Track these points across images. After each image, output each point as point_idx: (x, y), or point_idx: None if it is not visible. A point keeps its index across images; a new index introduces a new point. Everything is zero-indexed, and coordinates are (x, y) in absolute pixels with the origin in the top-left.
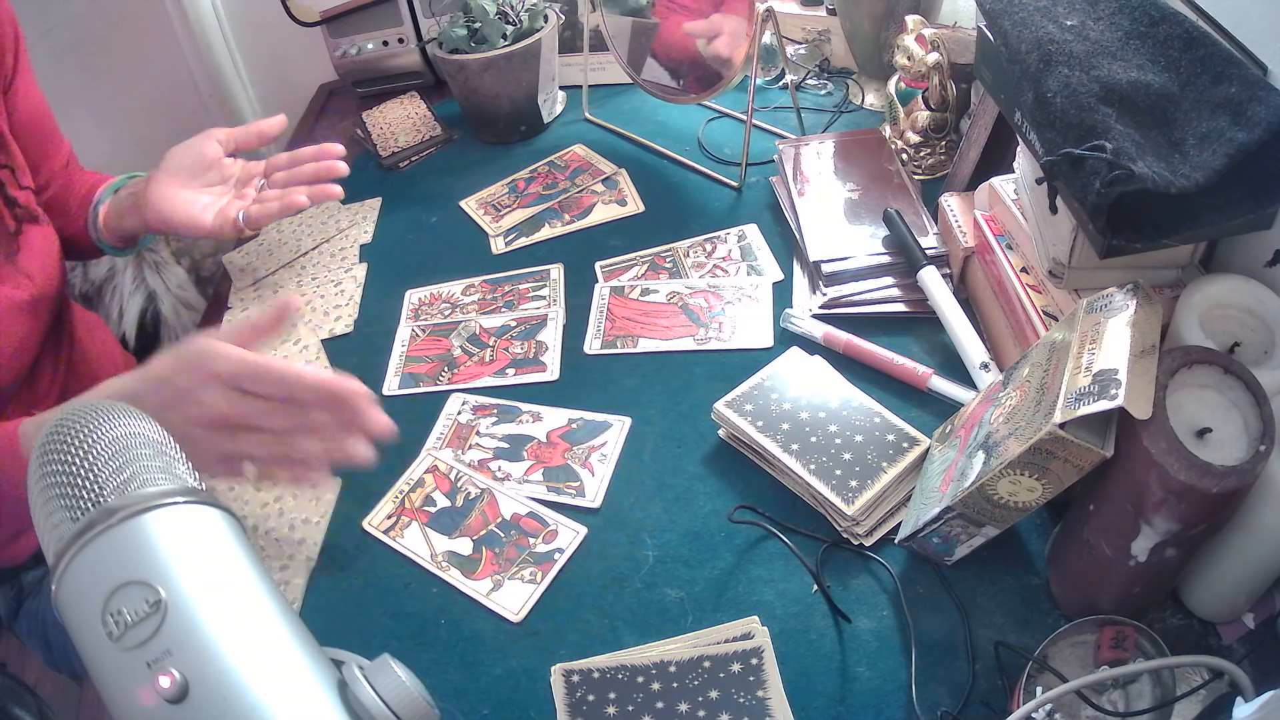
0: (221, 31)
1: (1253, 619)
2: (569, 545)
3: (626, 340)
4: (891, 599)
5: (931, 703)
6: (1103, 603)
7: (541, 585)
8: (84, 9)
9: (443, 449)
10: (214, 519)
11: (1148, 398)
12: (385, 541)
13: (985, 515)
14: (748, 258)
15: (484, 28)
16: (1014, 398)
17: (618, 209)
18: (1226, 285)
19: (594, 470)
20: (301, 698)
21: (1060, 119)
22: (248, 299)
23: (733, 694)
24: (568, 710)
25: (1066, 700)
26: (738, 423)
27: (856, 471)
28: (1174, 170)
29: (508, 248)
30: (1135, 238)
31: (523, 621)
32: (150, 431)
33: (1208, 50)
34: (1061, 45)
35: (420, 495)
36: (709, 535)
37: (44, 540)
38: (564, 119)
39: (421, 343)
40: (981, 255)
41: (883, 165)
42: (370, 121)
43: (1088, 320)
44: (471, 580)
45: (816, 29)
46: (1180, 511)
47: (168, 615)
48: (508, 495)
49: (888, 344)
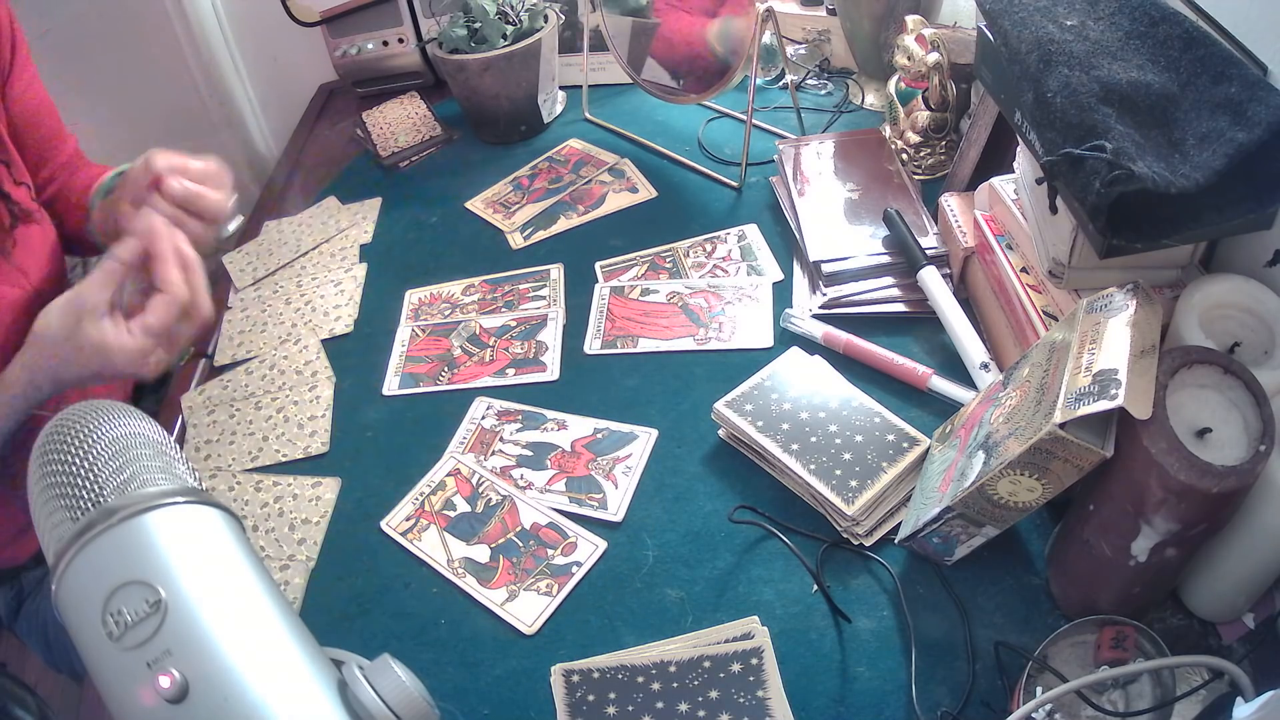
0: (221, 31)
1: (1253, 619)
2: (587, 559)
3: (626, 340)
4: (891, 599)
5: (931, 703)
6: (1103, 603)
7: (557, 599)
8: (84, 9)
9: (465, 453)
10: (214, 519)
11: (1148, 398)
12: (402, 544)
13: (985, 515)
14: (748, 258)
15: (484, 28)
16: (1014, 398)
17: (630, 196)
18: (1226, 285)
19: (617, 482)
20: (301, 698)
21: (1060, 119)
22: (248, 299)
23: (733, 694)
24: (568, 710)
25: (1066, 700)
26: (738, 423)
27: (856, 471)
28: (1174, 170)
29: (526, 242)
30: (1135, 238)
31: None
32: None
33: (1208, 50)
34: (1061, 45)
35: (441, 499)
36: (709, 535)
37: (44, 540)
38: (564, 119)
39: (421, 343)
40: (981, 255)
41: (883, 165)
42: (370, 121)
43: (1088, 320)
44: (487, 589)
45: (816, 29)
46: (1180, 511)
47: (168, 615)
48: (529, 504)
49: (888, 344)
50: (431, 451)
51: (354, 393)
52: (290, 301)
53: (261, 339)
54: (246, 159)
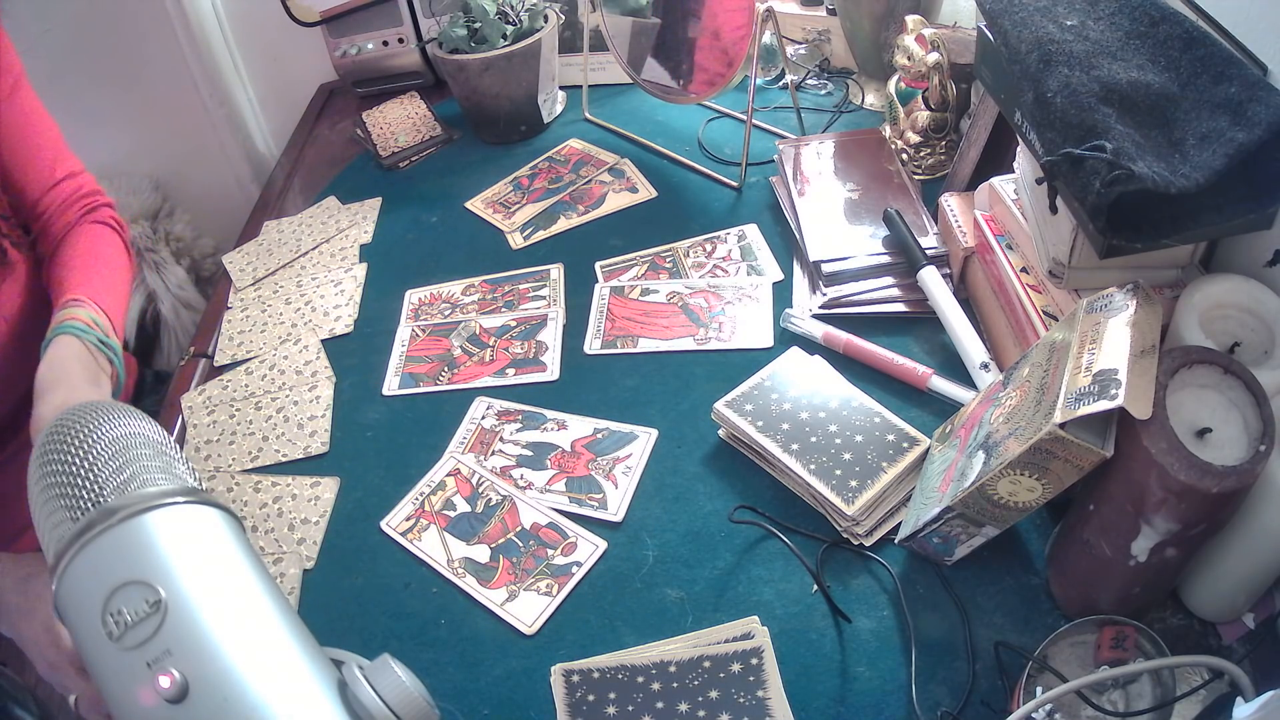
0: (221, 31)
1: (1253, 619)
2: (587, 559)
3: (626, 340)
4: (891, 599)
5: (931, 703)
6: (1103, 603)
7: (557, 599)
8: (84, 9)
9: (465, 453)
10: (214, 519)
11: (1148, 398)
12: (402, 544)
13: (985, 515)
14: (748, 258)
15: (484, 28)
16: (1014, 398)
17: (630, 196)
18: (1226, 285)
19: (617, 483)
20: (301, 698)
21: (1060, 119)
22: (248, 299)
23: (733, 694)
24: (568, 710)
25: (1066, 700)
26: (738, 423)
27: (856, 471)
28: (1174, 170)
29: (526, 242)
30: (1135, 238)
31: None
32: (150, 431)
33: (1208, 50)
34: (1061, 45)
35: (441, 498)
36: (709, 535)
37: (44, 540)
38: (564, 119)
39: (421, 343)
40: (981, 255)
41: (883, 165)
42: (370, 121)
43: (1088, 320)
44: (487, 589)
45: (816, 29)
46: (1180, 511)
47: (168, 615)
48: (529, 504)
49: (888, 344)
50: (431, 451)
51: (354, 393)
52: (290, 301)
53: (261, 339)
54: (246, 159)
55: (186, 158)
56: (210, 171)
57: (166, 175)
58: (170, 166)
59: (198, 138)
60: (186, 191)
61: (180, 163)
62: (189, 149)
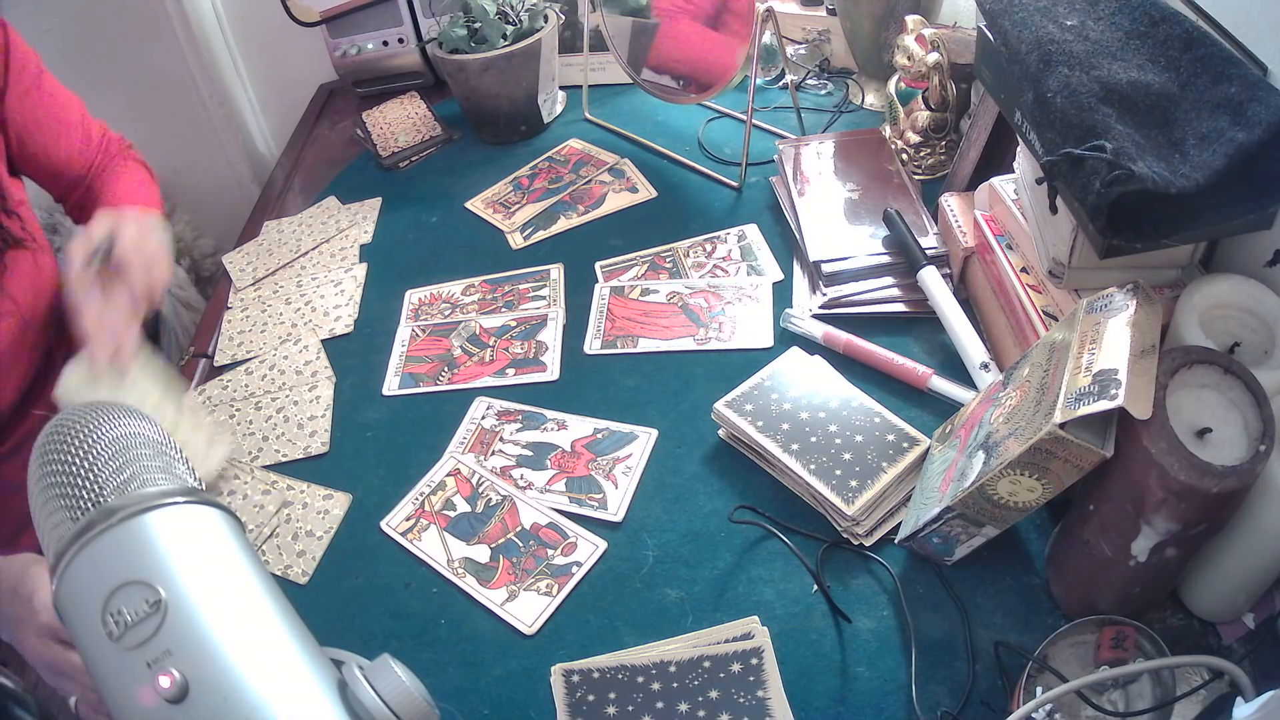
0: (221, 31)
1: (1253, 619)
2: (587, 559)
3: (626, 340)
4: (891, 599)
5: (931, 703)
6: (1103, 603)
7: (557, 599)
8: (84, 9)
9: (465, 453)
10: (214, 519)
11: (1148, 398)
12: (402, 544)
13: (985, 515)
14: (748, 258)
15: (484, 28)
16: (1014, 398)
17: (630, 196)
18: (1226, 285)
19: (617, 483)
20: (301, 698)
21: (1060, 119)
22: (248, 299)
23: (733, 694)
24: (568, 710)
25: (1066, 700)
26: (738, 423)
27: (856, 471)
28: (1174, 170)
29: (526, 242)
30: (1135, 238)
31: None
32: (150, 431)
33: (1208, 50)
34: (1061, 45)
35: (441, 499)
36: (709, 535)
37: (44, 540)
38: (564, 119)
39: (421, 343)
40: (981, 255)
41: (883, 165)
42: (370, 121)
43: (1088, 320)
44: (487, 589)
45: (816, 29)
46: (1180, 511)
47: (168, 615)
48: (529, 504)
49: (888, 344)
50: (431, 451)
51: (354, 393)
52: (290, 301)
53: (261, 339)
54: (246, 159)
55: (186, 158)
56: (210, 171)
57: (166, 175)
58: (170, 166)
59: (198, 138)
60: (186, 191)
61: (180, 163)
62: (189, 149)
